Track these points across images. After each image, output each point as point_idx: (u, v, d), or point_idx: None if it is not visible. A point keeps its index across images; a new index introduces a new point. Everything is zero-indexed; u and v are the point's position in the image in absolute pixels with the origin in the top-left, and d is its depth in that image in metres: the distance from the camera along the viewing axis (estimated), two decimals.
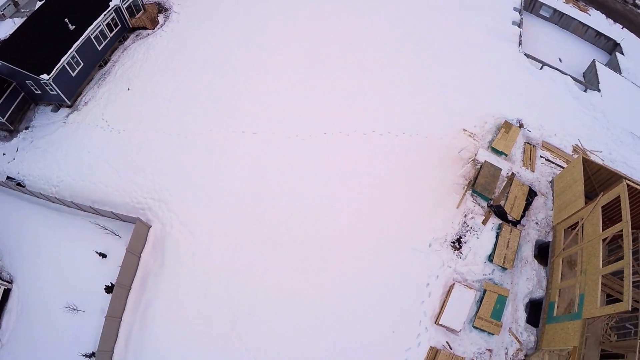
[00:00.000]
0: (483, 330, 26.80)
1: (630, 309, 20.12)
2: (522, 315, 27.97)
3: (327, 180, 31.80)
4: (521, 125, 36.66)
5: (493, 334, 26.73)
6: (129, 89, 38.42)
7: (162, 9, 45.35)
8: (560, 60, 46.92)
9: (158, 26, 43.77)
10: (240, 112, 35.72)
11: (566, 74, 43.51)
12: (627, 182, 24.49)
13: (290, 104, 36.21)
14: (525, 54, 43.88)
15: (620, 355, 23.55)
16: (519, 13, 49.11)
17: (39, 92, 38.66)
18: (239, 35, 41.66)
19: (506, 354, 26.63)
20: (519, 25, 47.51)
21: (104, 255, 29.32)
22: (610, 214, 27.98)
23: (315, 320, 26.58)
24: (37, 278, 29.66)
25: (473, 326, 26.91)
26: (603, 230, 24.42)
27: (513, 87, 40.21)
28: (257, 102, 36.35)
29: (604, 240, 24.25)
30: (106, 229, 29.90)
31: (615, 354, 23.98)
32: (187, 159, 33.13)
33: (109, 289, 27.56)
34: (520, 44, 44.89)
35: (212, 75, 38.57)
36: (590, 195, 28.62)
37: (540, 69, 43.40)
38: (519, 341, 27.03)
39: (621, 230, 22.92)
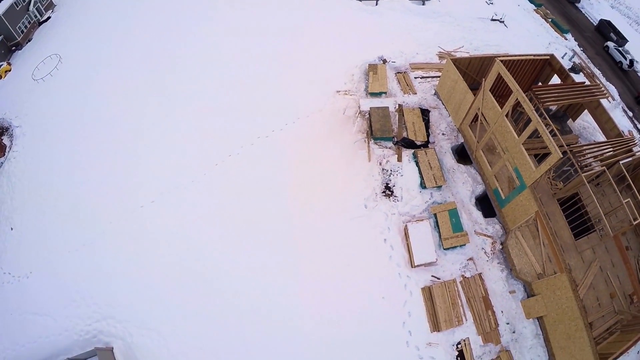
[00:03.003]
0: (455, 247, 27.85)
1: (561, 156, 21.94)
2: (478, 214, 29.50)
3: (244, 205, 30.53)
4: (385, 61, 38.00)
5: (465, 244, 27.91)
6: (12, 229, 34.93)
7: (2, 130, 41.79)
8: None
9: (7, 150, 40.21)
10: (124, 188, 33.01)
11: None
12: (498, 59, 26.27)
13: (169, 156, 34.02)
14: None
15: (575, 195, 25.48)
16: None
17: None
18: (88, 119, 38.69)
19: (485, 252, 28.02)
20: None
21: None
22: (500, 92, 30.06)
23: (312, 325, 25.84)
24: None
25: (444, 249, 27.84)
26: (501, 108, 26.15)
27: (360, 32, 41.53)
28: (133, 171, 33.72)
29: (506, 115, 25.86)
30: None
31: (570, 196, 25.98)
32: (104, 263, 30.15)
33: None
34: None
35: (81, 169, 35.22)
36: (475, 86, 30.27)
37: (376, 5, 45.20)
38: (488, 236, 28.46)
39: (517, 99, 24.58)
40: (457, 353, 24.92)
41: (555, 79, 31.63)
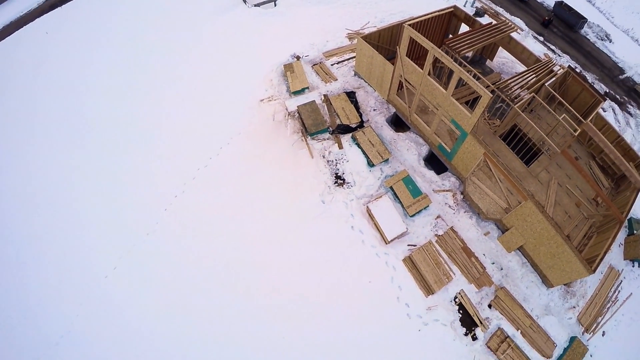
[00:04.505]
0: (419, 211, 28.38)
1: (491, 95, 22.85)
2: (430, 173, 30.28)
3: (208, 247, 28.80)
4: (298, 58, 37.98)
5: (428, 206, 28.53)
6: None
7: None
8: None
9: None
10: (79, 269, 29.94)
11: None
12: (406, 24, 26.97)
13: (115, 220, 30.80)
14: (255, 5, 45.16)
15: (514, 127, 26.61)
16: None
17: None
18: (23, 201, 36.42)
19: (449, 206, 28.85)
20: None
21: None
22: (417, 54, 31.07)
23: (315, 332, 25.58)
24: None
25: (410, 216, 28.36)
26: (421, 68, 26.92)
27: (267, 36, 41.10)
28: (85, 246, 30.67)
29: (429, 74, 26.61)
30: None
31: (510, 129, 27.09)
32: (85, 353, 28.63)
33: None
34: (245, 1, 45.99)
35: (29, 262, 33.03)
36: (392, 56, 31.12)
37: (275, 6, 45.26)
38: (447, 190, 29.35)
39: (434, 57, 25.32)
40: (457, 307, 25.57)
41: (464, 27, 32.80)
